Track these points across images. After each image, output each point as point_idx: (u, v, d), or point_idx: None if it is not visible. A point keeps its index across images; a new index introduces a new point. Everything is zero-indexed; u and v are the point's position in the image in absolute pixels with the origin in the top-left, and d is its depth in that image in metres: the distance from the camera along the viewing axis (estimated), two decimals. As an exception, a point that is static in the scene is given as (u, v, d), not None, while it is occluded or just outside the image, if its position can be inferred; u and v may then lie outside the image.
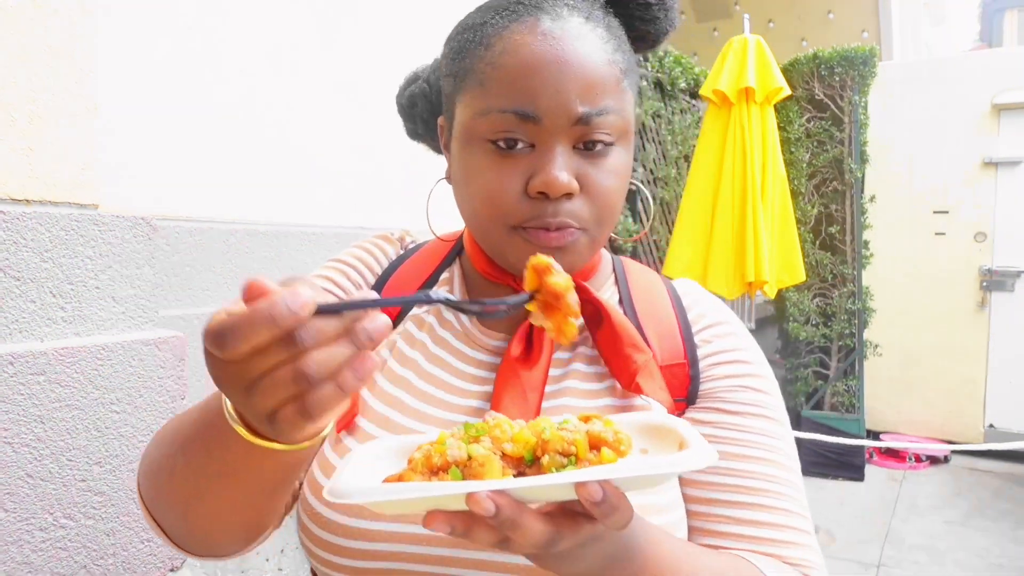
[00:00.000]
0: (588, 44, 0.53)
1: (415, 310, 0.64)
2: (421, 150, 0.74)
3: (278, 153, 1.56)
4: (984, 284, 3.86)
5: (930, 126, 3.93)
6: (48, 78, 0.94)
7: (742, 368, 0.61)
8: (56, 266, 0.93)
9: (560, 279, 0.45)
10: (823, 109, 3.78)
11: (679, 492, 0.58)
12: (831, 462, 3.62)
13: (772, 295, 3.04)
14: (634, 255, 3.71)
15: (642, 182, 3.78)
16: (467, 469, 0.38)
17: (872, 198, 3.87)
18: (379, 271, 0.67)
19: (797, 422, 3.75)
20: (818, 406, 3.77)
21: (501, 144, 0.54)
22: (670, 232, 3.87)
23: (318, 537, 0.55)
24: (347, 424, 0.57)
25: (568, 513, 0.40)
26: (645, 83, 3.65)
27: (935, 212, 3.94)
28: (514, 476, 0.39)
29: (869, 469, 3.75)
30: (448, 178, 0.62)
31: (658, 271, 4.55)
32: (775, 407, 0.61)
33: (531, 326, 0.59)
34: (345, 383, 0.36)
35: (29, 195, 0.93)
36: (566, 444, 0.39)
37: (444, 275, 0.66)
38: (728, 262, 2.91)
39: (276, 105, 1.54)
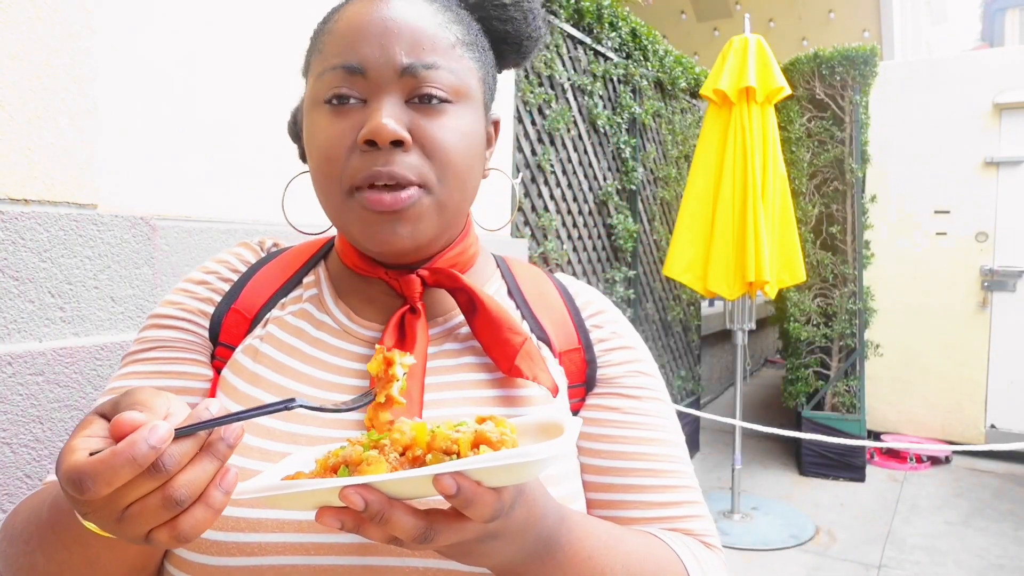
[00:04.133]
0: (419, 9, 0.55)
1: (276, 312, 0.62)
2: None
3: (277, 153, 1.56)
4: (985, 284, 3.85)
5: (931, 126, 3.92)
6: (48, 78, 0.94)
7: (632, 354, 0.65)
8: (55, 266, 0.93)
9: (399, 371, 0.47)
10: (824, 109, 3.78)
11: (574, 465, 0.59)
12: (832, 463, 3.61)
13: (773, 295, 3.03)
14: (634, 255, 3.71)
15: (643, 182, 3.77)
16: (356, 469, 0.41)
17: (873, 198, 3.87)
18: (234, 278, 0.64)
19: (798, 422, 3.74)
20: (819, 406, 3.76)
21: (334, 101, 0.54)
22: (670, 232, 3.87)
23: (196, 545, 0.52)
24: None
25: (444, 510, 0.41)
26: (645, 83, 3.65)
27: (936, 212, 3.93)
28: None
29: (870, 470, 3.74)
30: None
31: (658, 271, 4.52)
32: (661, 388, 0.65)
33: (403, 316, 0.58)
34: (214, 501, 0.38)
35: (28, 195, 0.92)
36: (450, 443, 0.41)
37: (308, 278, 0.64)
38: (729, 262, 2.91)
39: (276, 105, 1.54)
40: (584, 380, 0.62)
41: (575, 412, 0.62)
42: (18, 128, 0.91)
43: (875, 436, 4.04)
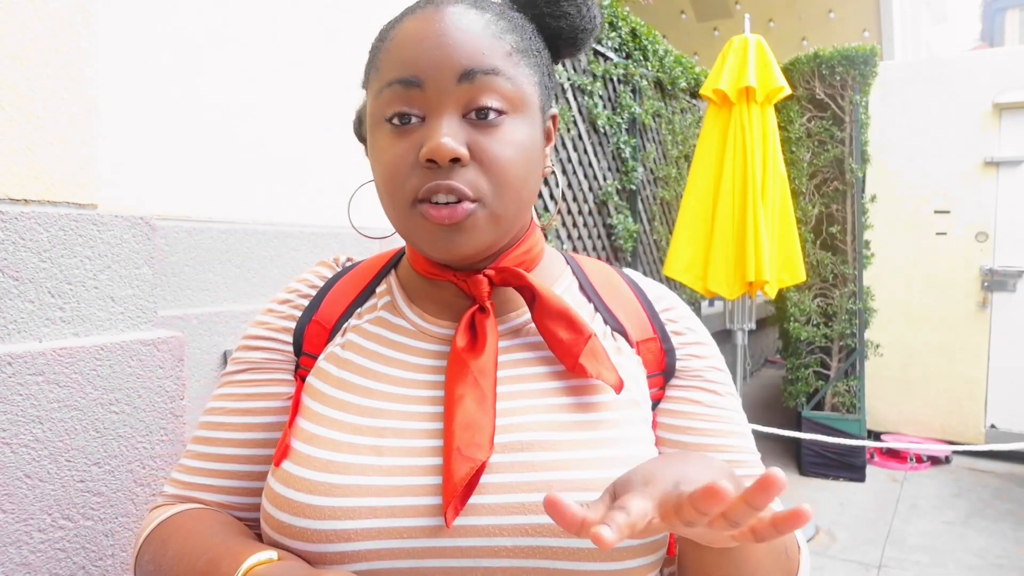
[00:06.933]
0: (472, 21, 0.56)
1: (354, 321, 0.66)
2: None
3: (278, 153, 1.56)
4: (985, 284, 3.85)
5: (931, 125, 3.92)
6: (48, 78, 0.94)
7: (708, 350, 0.66)
8: (55, 266, 0.93)
9: None
10: (824, 109, 3.77)
11: (652, 453, 0.60)
12: (832, 463, 3.61)
13: (772, 295, 3.03)
14: (634, 255, 3.71)
15: (643, 182, 3.77)
16: None
17: (873, 198, 3.87)
18: (313, 294, 0.69)
19: (798, 422, 3.74)
20: (819, 406, 3.76)
21: (395, 122, 0.56)
22: (670, 232, 3.87)
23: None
24: (283, 455, 0.58)
25: None
26: (645, 83, 3.65)
27: (936, 212, 3.93)
28: None
29: (870, 470, 3.74)
30: None
31: (658, 271, 4.51)
32: (732, 383, 0.68)
33: (473, 316, 0.61)
34: None
35: (28, 195, 0.92)
36: None
37: (381, 287, 0.68)
38: (728, 262, 2.91)
39: (276, 105, 1.54)
40: (663, 369, 0.64)
41: (655, 401, 0.64)
42: (18, 128, 0.91)
43: (875, 436, 4.04)
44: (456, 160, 0.54)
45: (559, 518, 0.38)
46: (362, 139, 0.72)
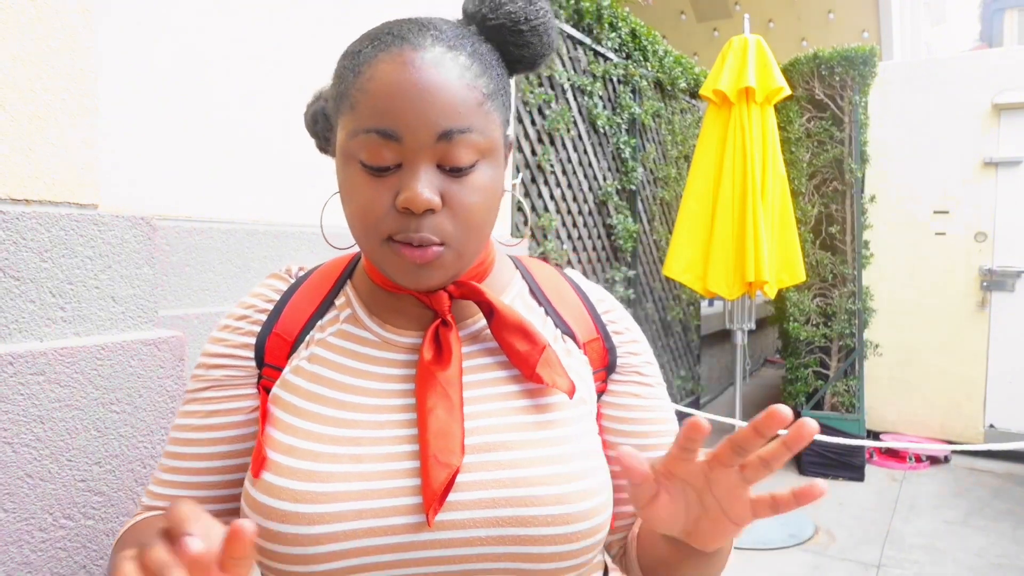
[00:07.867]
0: (448, 70, 0.57)
1: (317, 334, 0.68)
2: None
3: (278, 153, 1.56)
4: (984, 284, 3.86)
5: (930, 126, 3.92)
6: (48, 78, 0.94)
7: (642, 347, 0.74)
8: (55, 266, 0.93)
9: None
10: (823, 109, 3.78)
11: (607, 474, 0.66)
12: (831, 462, 3.62)
13: (772, 295, 3.03)
14: (634, 255, 3.71)
15: (643, 182, 3.77)
16: None
17: (872, 198, 3.87)
18: (270, 308, 0.71)
19: (797, 422, 3.74)
20: (818, 406, 3.76)
21: (372, 167, 0.58)
22: (670, 232, 3.87)
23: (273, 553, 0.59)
24: (261, 466, 0.61)
25: None
26: (645, 83, 3.65)
27: (935, 212, 3.94)
28: None
29: (869, 469, 3.75)
30: None
31: (658, 271, 4.52)
32: (660, 374, 0.76)
33: (437, 330, 0.65)
34: None
35: (29, 195, 0.92)
36: None
37: (339, 299, 0.70)
38: (728, 262, 2.91)
39: (277, 105, 1.54)
40: (606, 365, 0.71)
41: (600, 394, 0.71)
42: (19, 128, 0.91)
43: (874, 436, 4.05)
44: (430, 209, 0.57)
45: (631, 474, 0.49)
46: (316, 136, 0.74)
